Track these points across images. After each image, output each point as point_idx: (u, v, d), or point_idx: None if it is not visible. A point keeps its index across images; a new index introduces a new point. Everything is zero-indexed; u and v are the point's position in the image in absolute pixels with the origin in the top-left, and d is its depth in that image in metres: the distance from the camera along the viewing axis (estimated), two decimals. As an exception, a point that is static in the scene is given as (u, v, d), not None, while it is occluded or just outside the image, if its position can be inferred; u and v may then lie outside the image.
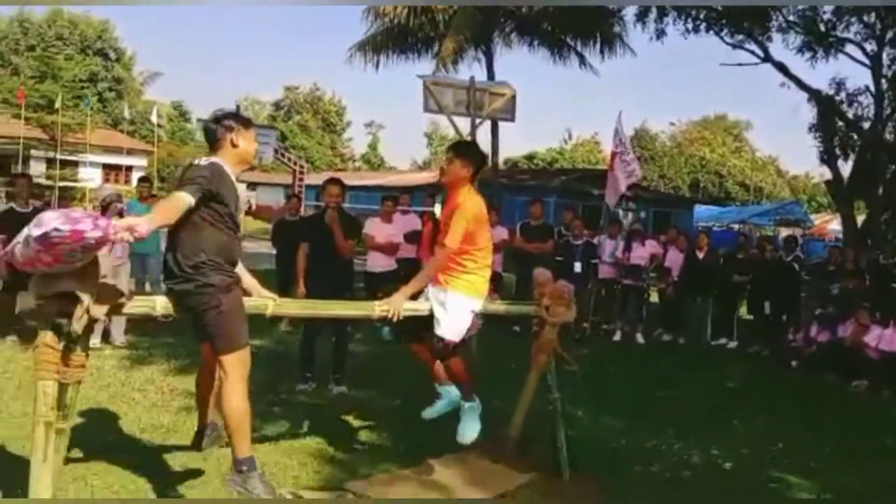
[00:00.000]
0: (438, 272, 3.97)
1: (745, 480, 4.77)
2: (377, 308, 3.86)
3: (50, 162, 35.13)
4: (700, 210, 28.83)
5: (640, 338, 9.97)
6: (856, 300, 8.63)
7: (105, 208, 7.15)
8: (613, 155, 10.69)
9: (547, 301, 4.24)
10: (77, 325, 2.90)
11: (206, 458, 4.14)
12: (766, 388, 7.73)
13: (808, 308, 9.32)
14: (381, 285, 7.52)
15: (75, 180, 36.30)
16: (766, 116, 78.76)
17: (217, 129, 3.47)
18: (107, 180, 37.30)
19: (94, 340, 6.78)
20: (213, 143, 3.47)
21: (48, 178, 34.98)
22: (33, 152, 35.19)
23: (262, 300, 3.61)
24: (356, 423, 5.29)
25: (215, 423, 3.78)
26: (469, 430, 4.10)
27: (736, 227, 27.24)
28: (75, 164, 36.47)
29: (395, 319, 3.86)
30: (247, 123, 3.58)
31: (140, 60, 51.88)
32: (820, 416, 6.62)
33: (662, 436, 5.47)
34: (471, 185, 4.08)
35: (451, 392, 4.20)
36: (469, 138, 8.45)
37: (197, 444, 3.92)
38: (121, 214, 7.18)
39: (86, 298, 2.87)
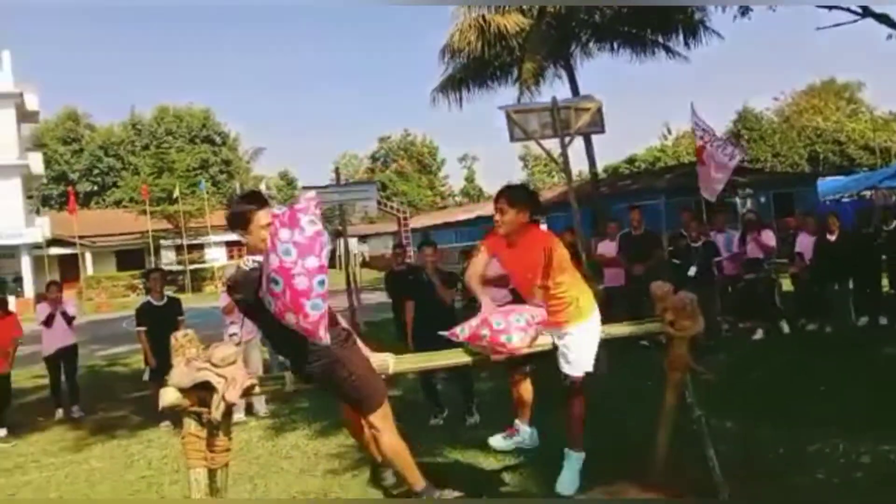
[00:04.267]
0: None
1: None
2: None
3: (178, 248, 37.92)
4: (825, 183, 27.00)
5: (785, 327, 9.37)
6: None
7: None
8: (701, 148, 10.93)
9: (670, 315, 4.06)
10: (216, 414, 3.04)
11: None
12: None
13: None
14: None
15: (203, 262, 38.89)
16: (878, 73, 73.00)
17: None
18: (230, 256, 39.61)
19: (239, 415, 7.12)
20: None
21: (179, 263, 37.69)
22: (162, 242, 38.13)
23: (384, 360, 3.66)
24: (495, 465, 5.21)
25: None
26: (570, 483, 3.99)
27: (868, 194, 25.27)
28: (201, 246, 39.15)
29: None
30: (263, 202, 3.54)
31: (243, 139, 55.32)
32: None
33: (824, 437, 5.05)
34: (533, 225, 4.07)
35: (527, 434, 4.30)
36: (561, 158, 8.36)
37: (376, 480, 4.50)
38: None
39: (220, 387, 3.02)
